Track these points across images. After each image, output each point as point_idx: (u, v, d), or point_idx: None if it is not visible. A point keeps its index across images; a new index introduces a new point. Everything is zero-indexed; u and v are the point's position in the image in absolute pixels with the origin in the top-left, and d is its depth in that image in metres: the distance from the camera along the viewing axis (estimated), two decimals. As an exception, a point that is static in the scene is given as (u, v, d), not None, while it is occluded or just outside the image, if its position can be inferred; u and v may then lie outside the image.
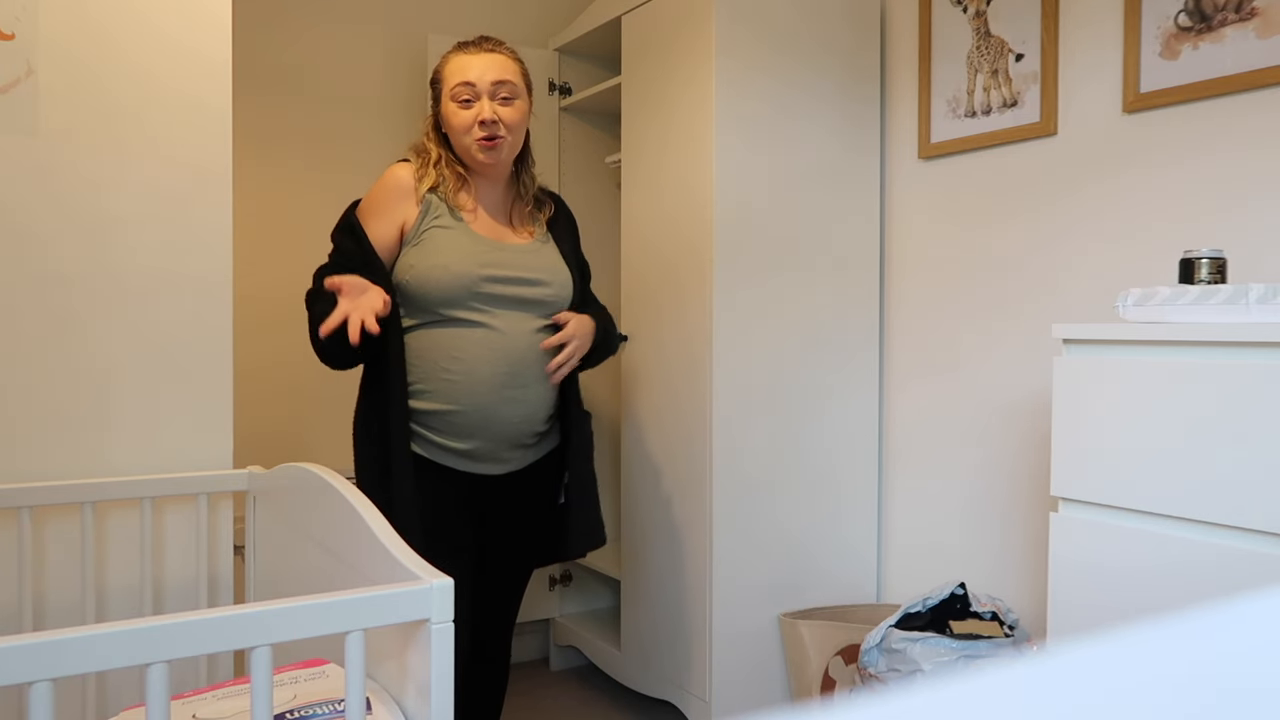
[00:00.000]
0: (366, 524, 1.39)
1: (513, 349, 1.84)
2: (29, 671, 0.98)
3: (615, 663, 2.70)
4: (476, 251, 1.84)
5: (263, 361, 2.75)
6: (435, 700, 1.22)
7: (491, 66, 1.84)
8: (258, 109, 2.75)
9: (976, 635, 2.07)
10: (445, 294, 1.80)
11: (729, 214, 2.32)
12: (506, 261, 1.86)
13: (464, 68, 1.84)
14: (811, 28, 2.44)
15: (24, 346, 1.79)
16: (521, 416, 1.86)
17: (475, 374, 1.82)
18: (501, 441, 1.86)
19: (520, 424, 1.87)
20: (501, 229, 1.92)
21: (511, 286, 1.85)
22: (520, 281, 1.86)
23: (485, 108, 1.82)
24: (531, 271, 1.88)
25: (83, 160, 1.83)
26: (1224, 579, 1.36)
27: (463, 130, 1.84)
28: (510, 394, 1.84)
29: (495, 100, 1.84)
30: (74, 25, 1.82)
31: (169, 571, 1.90)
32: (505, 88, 1.84)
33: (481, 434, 1.84)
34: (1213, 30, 1.87)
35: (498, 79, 1.84)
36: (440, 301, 1.81)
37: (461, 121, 1.84)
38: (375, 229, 1.84)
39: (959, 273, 2.39)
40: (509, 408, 1.84)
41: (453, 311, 1.82)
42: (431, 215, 1.84)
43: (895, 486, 2.56)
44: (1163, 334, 1.44)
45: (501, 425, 1.85)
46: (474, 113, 1.83)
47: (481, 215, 1.90)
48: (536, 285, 1.88)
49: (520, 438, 1.89)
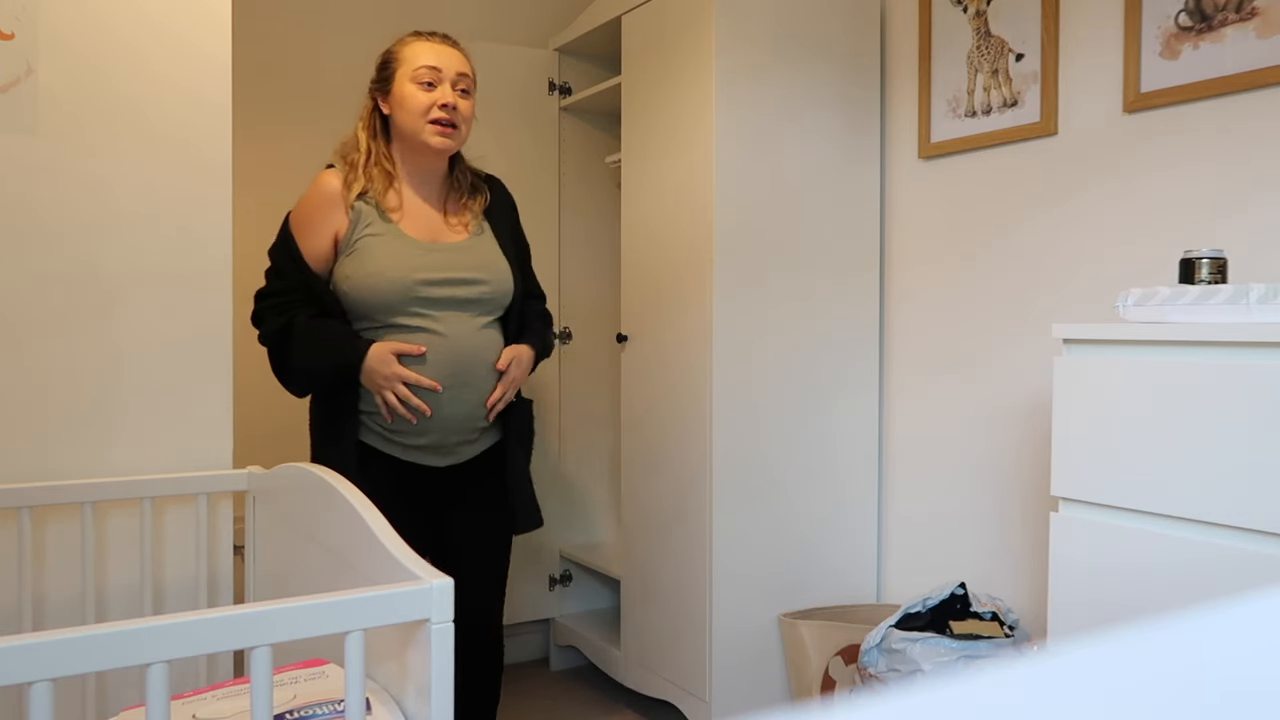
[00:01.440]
0: (366, 524, 1.39)
1: (455, 350, 1.86)
2: (29, 671, 0.98)
3: (615, 663, 2.70)
4: (410, 256, 1.85)
5: (263, 361, 2.75)
6: (435, 700, 1.22)
7: (455, 58, 1.89)
8: (258, 108, 2.75)
9: (976, 635, 2.07)
10: (383, 301, 1.83)
11: (729, 214, 2.32)
12: (441, 264, 1.87)
13: (430, 53, 1.87)
14: (811, 27, 2.44)
15: (24, 346, 1.79)
16: (465, 413, 1.90)
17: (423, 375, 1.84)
18: (452, 435, 1.90)
19: (464, 420, 1.90)
20: (435, 227, 1.93)
21: (449, 288, 1.87)
22: (457, 282, 1.88)
23: (448, 93, 1.86)
24: (468, 271, 1.89)
25: (83, 159, 1.83)
26: (1224, 579, 1.36)
27: (420, 112, 1.85)
28: (454, 393, 1.87)
29: (455, 90, 1.88)
30: (74, 24, 1.82)
31: (169, 571, 1.90)
32: (465, 81, 1.90)
33: (431, 430, 1.88)
34: (1213, 30, 1.87)
35: (461, 70, 1.89)
36: (380, 309, 1.84)
37: (420, 103, 1.85)
38: (308, 244, 1.87)
39: (959, 273, 2.39)
40: (453, 406, 1.88)
41: (393, 318, 1.84)
42: (363, 224, 1.86)
43: (895, 486, 2.56)
44: (1163, 334, 1.44)
45: (450, 421, 1.88)
46: (435, 96, 1.85)
47: (412, 215, 1.91)
48: (474, 284, 1.89)
49: (468, 432, 1.93)
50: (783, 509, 2.42)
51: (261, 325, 1.91)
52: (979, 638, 2.03)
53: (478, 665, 2.05)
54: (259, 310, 1.92)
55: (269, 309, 1.90)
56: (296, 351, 1.86)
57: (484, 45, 2.91)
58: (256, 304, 1.92)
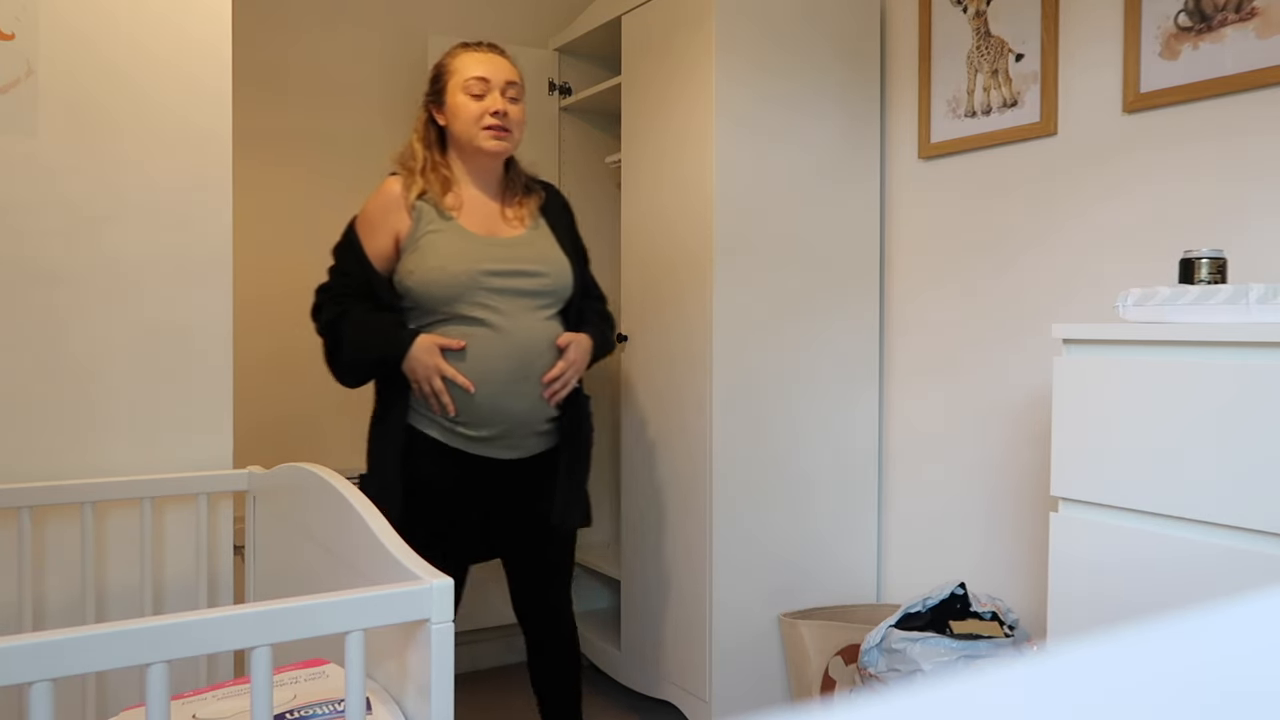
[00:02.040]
0: (366, 524, 1.39)
1: (519, 343, 1.91)
2: (29, 671, 0.98)
3: (615, 663, 2.70)
4: (471, 249, 1.92)
5: (263, 361, 2.75)
6: (435, 700, 1.22)
7: (503, 67, 1.98)
8: (258, 106, 2.75)
9: (976, 635, 2.07)
10: (447, 293, 1.89)
11: (729, 214, 2.32)
12: (502, 255, 1.93)
13: (478, 63, 1.96)
14: (812, 27, 2.44)
15: (24, 346, 1.79)
16: (530, 406, 1.94)
17: (484, 367, 1.89)
18: (518, 427, 1.95)
19: (529, 412, 1.95)
20: (493, 223, 1.99)
21: (511, 279, 1.92)
22: (519, 274, 1.93)
23: (498, 100, 1.94)
24: (528, 263, 1.95)
25: (83, 159, 1.83)
26: (1224, 579, 1.36)
27: (473, 120, 1.94)
28: (518, 386, 1.92)
29: (505, 98, 1.96)
30: (74, 25, 1.82)
31: (169, 571, 1.90)
32: (513, 89, 1.98)
33: (494, 423, 1.92)
34: (1213, 30, 1.87)
35: (509, 78, 1.97)
36: (444, 300, 1.89)
37: (472, 112, 1.94)
38: (371, 243, 1.95)
39: (959, 273, 2.39)
40: (517, 399, 1.92)
41: (457, 309, 1.90)
42: (425, 222, 1.93)
43: (895, 486, 2.56)
44: (1163, 334, 1.44)
45: (514, 413, 1.93)
46: (487, 104, 1.94)
47: (471, 212, 1.98)
48: (535, 276, 1.95)
49: (534, 424, 1.97)
50: (783, 509, 2.42)
51: (319, 317, 1.99)
52: (979, 638, 2.03)
53: (554, 663, 2.13)
54: (318, 303, 2.00)
55: (328, 302, 1.98)
56: (348, 341, 1.94)
57: (484, 45, 2.91)
58: (317, 297, 2.00)
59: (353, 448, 2.87)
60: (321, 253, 2.93)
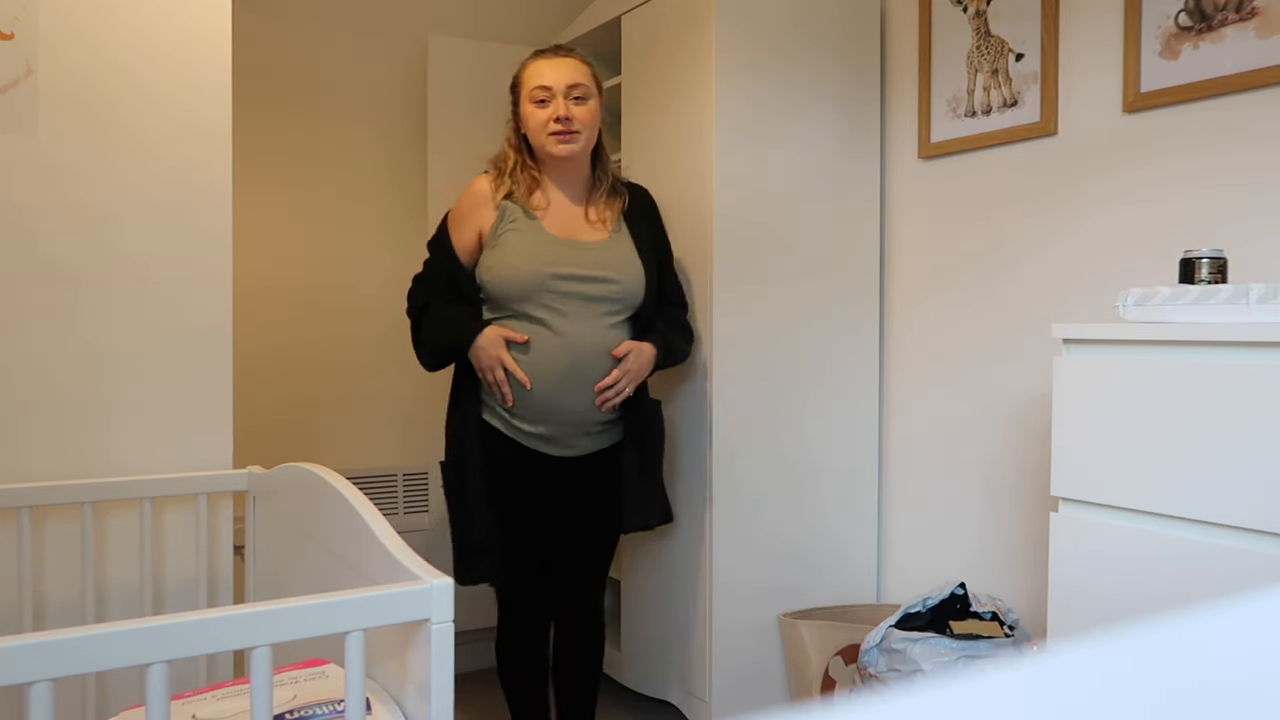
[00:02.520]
0: (366, 524, 1.39)
1: (576, 344, 1.99)
2: (29, 671, 0.98)
3: (615, 663, 2.70)
4: (547, 250, 2.01)
5: (263, 361, 2.75)
6: (435, 700, 1.22)
7: (565, 70, 2.02)
8: (258, 107, 2.75)
9: (976, 635, 2.07)
10: (517, 290, 1.98)
11: (729, 214, 2.32)
12: (577, 259, 2.02)
13: (540, 72, 2.03)
14: (811, 28, 2.44)
15: (24, 346, 1.79)
16: (583, 407, 2.02)
17: (539, 366, 1.98)
18: (569, 428, 2.03)
19: (582, 413, 2.03)
20: (577, 225, 2.07)
21: (580, 284, 2.00)
22: (589, 279, 2.01)
23: (560, 105, 2.00)
24: (602, 269, 2.03)
25: (83, 159, 1.83)
26: (1225, 579, 1.36)
27: (539, 128, 2.02)
28: (572, 386, 1.99)
29: (569, 100, 2.01)
30: (74, 25, 1.82)
31: (169, 571, 1.90)
32: (578, 89, 2.02)
33: (547, 420, 2.01)
34: (1213, 30, 1.87)
35: (571, 81, 2.02)
36: (513, 298, 1.99)
37: (539, 120, 2.02)
38: (458, 237, 2.06)
39: (959, 273, 2.39)
40: (571, 399, 2.00)
41: (524, 307, 1.99)
42: (507, 220, 2.03)
43: (895, 486, 2.56)
44: (1163, 334, 1.44)
45: (565, 414, 2.01)
46: (550, 111, 2.00)
47: (555, 213, 2.06)
48: (605, 282, 2.02)
49: (586, 425, 2.05)
50: (783, 509, 2.42)
51: (409, 303, 2.12)
52: (979, 638, 2.03)
53: (575, 656, 2.22)
54: (411, 290, 2.13)
55: (417, 290, 2.12)
56: (426, 327, 2.07)
57: (484, 45, 2.91)
58: (412, 285, 2.14)
59: (353, 448, 2.87)
60: (321, 252, 2.93)
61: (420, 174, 2.95)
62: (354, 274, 2.85)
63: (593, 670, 2.25)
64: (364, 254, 2.86)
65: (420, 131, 2.95)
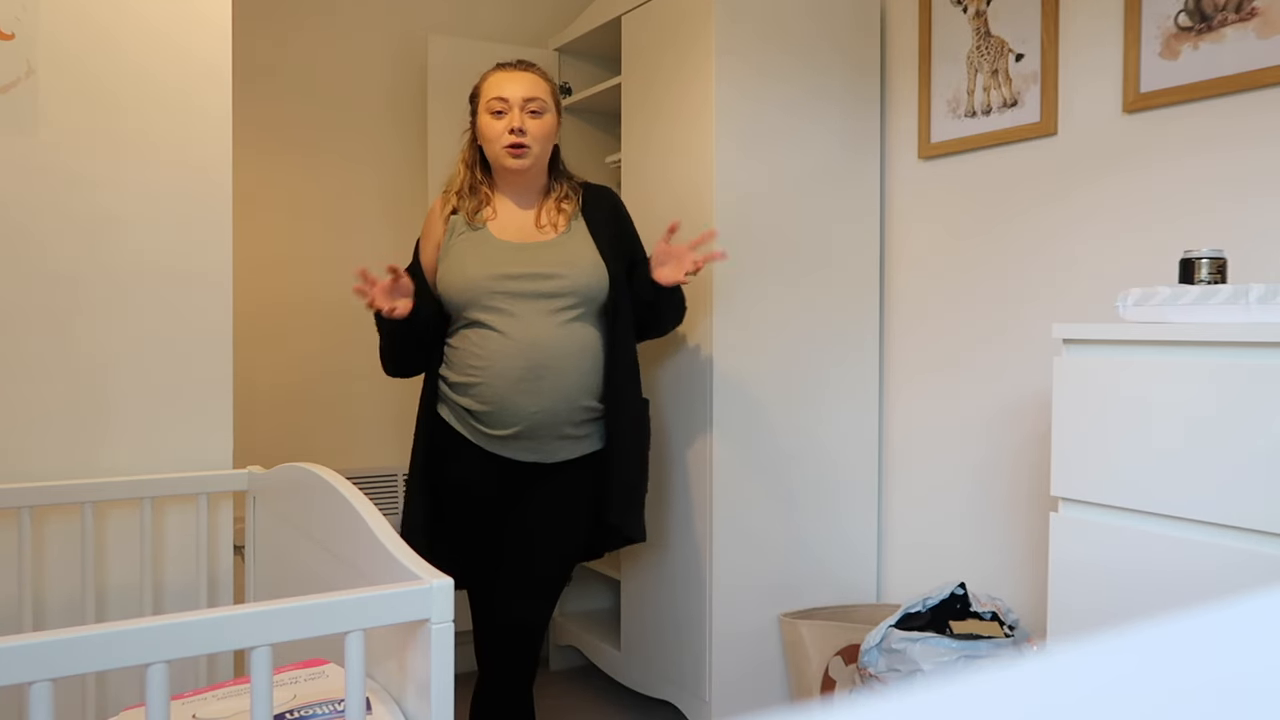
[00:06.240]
0: (366, 524, 1.39)
1: (528, 344, 1.97)
2: (29, 671, 0.98)
3: (615, 663, 2.70)
4: (491, 254, 2.01)
5: (263, 361, 2.75)
6: (435, 700, 1.22)
7: (523, 83, 2.04)
8: (257, 108, 2.75)
9: (976, 635, 2.07)
10: (462, 297, 1.99)
11: (729, 214, 2.32)
12: (521, 259, 2.01)
13: (499, 84, 2.04)
14: (812, 27, 2.44)
15: (24, 346, 1.79)
16: (540, 407, 1.98)
17: (494, 369, 1.97)
18: (538, 430, 1.99)
19: (541, 414, 1.98)
20: (526, 230, 2.07)
21: (525, 282, 2.00)
22: (533, 277, 2.00)
23: (516, 118, 2.01)
24: (548, 265, 2.01)
25: (83, 160, 1.83)
26: (1224, 579, 1.36)
27: (495, 138, 2.03)
28: (527, 385, 1.97)
29: (525, 113, 2.02)
30: (74, 25, 1.82)
31: (169, 571, 1.90)
32: (534, 103, 2.03)
33: (509, 422, 1.98)
34: (1213, 30, 1.87)
35: (528, 95, 2.03)
36: (461, 304, 2.00)
37: (494, 131, 2.03)
38: (424, 257, 2.12)
39: (959, 273, 2.39)
40: (527, 399, 1.97)
41: (471, 313, 2.00)
42: (456, 233, 2.06)
43: (895, 486, 2.56)
44: (1163, 334, 1.44)
45: (525, 415, 1.98)
46: (505, 122, 2.02)
47: (504, 220, 2.07)
48: (551, 278, 2.00)
49: (556, 428, 2.00)
50: (782, 509, 2.42)
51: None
52: (979, 638, 2.03)
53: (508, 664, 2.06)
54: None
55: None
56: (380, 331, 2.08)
57: (483, 45, 2.91)
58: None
59: (352, 448, 2.87)
60: (321, 253, 2.94)
61: (420, 174, 2.95)
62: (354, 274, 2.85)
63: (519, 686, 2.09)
64: (364, 254, 2.86)
65: (420, 132, 2.95)
